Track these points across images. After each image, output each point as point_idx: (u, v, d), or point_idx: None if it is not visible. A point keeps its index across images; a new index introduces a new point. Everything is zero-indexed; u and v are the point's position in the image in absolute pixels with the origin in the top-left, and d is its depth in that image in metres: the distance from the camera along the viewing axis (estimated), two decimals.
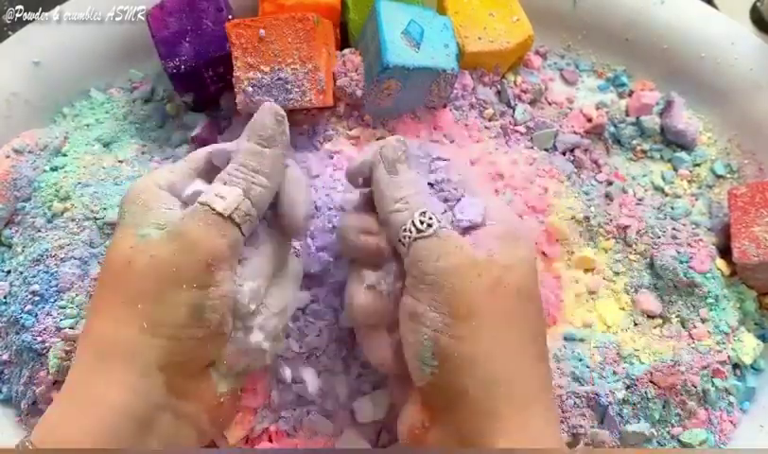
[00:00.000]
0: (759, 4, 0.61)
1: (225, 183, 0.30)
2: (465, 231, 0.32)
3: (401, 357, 0.31)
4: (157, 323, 0.29)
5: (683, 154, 0.50)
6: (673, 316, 0.44)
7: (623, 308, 0.45)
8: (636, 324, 0.44)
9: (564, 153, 0.49)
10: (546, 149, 0.49)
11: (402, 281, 0.31)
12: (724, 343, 0.44)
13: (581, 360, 0.41)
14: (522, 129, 0.48)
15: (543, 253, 0.44)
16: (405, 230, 0.30)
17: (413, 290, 0.30)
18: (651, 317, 0.45)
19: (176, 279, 0.28)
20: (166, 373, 0.29)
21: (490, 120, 0.48)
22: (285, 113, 0.32)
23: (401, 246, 0.30)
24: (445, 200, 0.33)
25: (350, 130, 0.44)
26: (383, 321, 0.33)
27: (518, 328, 0.30)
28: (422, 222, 0.30)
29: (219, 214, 0.29)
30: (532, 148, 0.48)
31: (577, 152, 0.49)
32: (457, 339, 0.28)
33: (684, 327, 0.44)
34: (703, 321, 0.44)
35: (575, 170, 0.48)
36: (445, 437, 0.30)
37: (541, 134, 0.48)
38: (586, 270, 0.45)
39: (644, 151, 0.51)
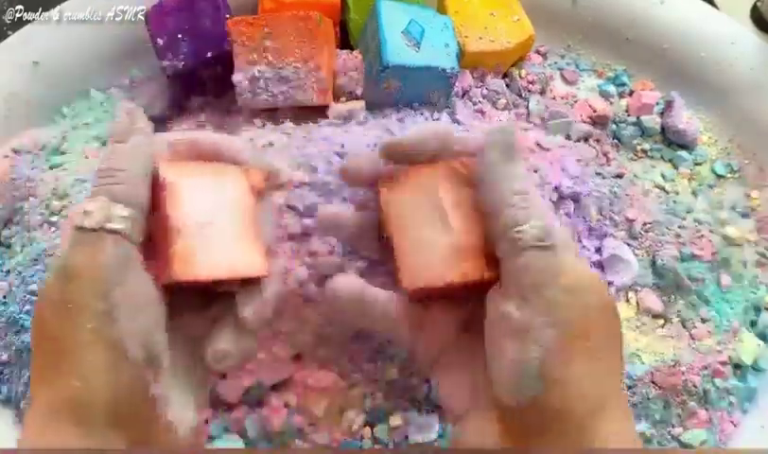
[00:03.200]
0: (759, 4, 0.61)
1: (90, 198, 0.27)
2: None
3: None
4: (83, 376, 0.25)
5: (683, 153, 0.50)
6: (674, 316, 0.44)
7: (629, 305, 0.45)
8: (639, 323, 0.44)
9: (578, 141, 0.49)
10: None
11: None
12: (724, 343, 0.44)
13: None
14: (537, 120, 0.48)
15: None
16: (521, 232, 0.27)
17: (521, 302, 0.27)
18: (654, 316, 0.44)
19: (77, 317, 0.25)
20: (118, 427, 0.26)
21: (503, 110, 0.48)
22: (134, 108, 0.29)
23: (506, 246, 0.28)
24: None
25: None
26: None
27: (615, 346, 0.29)
28: (541, 229, 0.27)
29: (92, 229, 0.26)
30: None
31: (590, 142, 0.49)
32: (569, 361, 0.27)
33: (685, 327, 0.44)
34: (703, 321, 0.44)
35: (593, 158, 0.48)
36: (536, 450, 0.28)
37: (557, 123, 0.48)
38: None
39: (645, 151, 0.51)
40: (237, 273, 0.28)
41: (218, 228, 0.28)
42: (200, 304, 0.31)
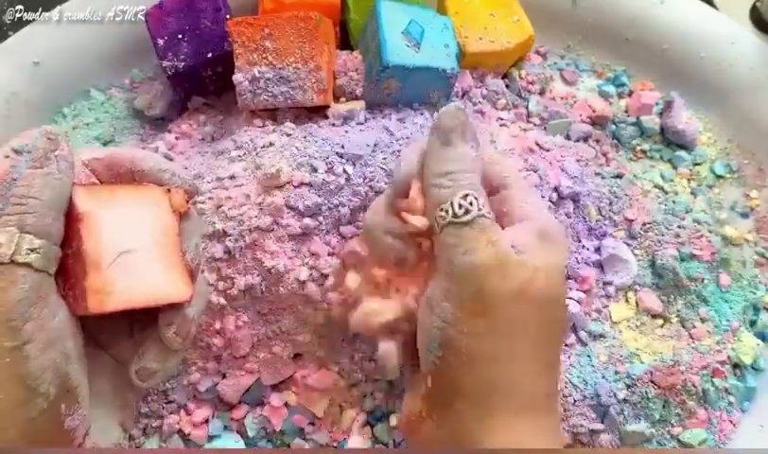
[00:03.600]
0: (758, 4, 0.61)
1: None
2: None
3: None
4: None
5: (683, 154, 0.50)
6: (673, 315, 0.44)
7: (629, 305, 0.45)
8: (638, 323, 0.44)
9: (577, 141, 0.49)
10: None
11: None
12: (724, 343, 0.44)
13: (588, 357, 0.42)
14: (537, 120, 0.48)
15: None
16: (442, 210, 0.28)
17: (435, 275, 0.29)
18: (653, 316, 0.45)
19: None
20: None
21: (503, 110, 0.48)
22: (57, 132, 0.28)
23: (435, 225, 0.29)
24: None
25: None
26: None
27: (534, 335, 0.29)
28: (461, 206, 0.28)
29: (1, 263, 0.24)
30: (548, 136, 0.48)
31: (589, 142, 0.49)
32: (465, 334, 0.28)
33: (684, 327, 0.44)
34: (703, 320, 0.44)
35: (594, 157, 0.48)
36: (438, 431, 0.29)
37: (556, 123, 0.48)
38: None
39: (644, 151, 0.51)
40: (157, 301, 0.28)
41: (138, 255, 0.28)
42: (125, 325, 0.31)
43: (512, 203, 0.31)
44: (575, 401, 0.40)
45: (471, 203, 0.28)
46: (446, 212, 0.28)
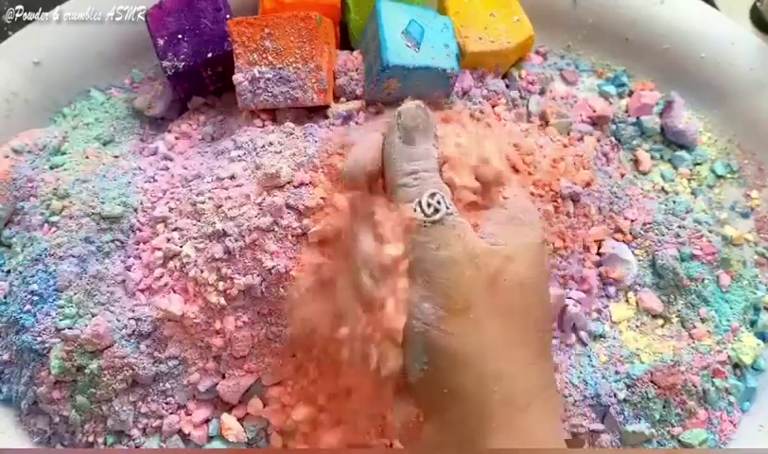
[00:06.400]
0: (758, 4, 0.61)
1: None
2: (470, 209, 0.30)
3: None
4: None
5: (683, 154, 0.50)
6: (674, 316, 0.44)
7: (629, 305, 0.45)
8: (638, 323, 0.44)
9: (578, 141, 0.49)
10: None
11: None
12: (724, 343, 0.44)
13: (588, 357, 0.42)
14: (537, 120, 0.48)
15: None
16: (409, 209, 0.28)
17: (411, 277, 0.28)
18: (653, 316, 0.45)
19: None
20: None
21: (503, 110, 0.48)
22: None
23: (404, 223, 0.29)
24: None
25: None
26: None
27: (519, 323, 0.28)
28: (429, 205, 0.28)
29: None
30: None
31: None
32: (449, 334, 0.27)
33: (684, 327, 0.44)
34: (703, 320, 0.44)
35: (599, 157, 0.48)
36: (439, 433, 0.29)
37: (557, 123, 0.48)
38: None
39: (644, 151, 0.51)
40: None
41: None
42: None
43: (493, 197, 0.31)
44: (575, 401, 0.40)
45: (439, 202, 0.28)
46: (414, 212, 0.28)
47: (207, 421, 0.40)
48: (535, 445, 0.28)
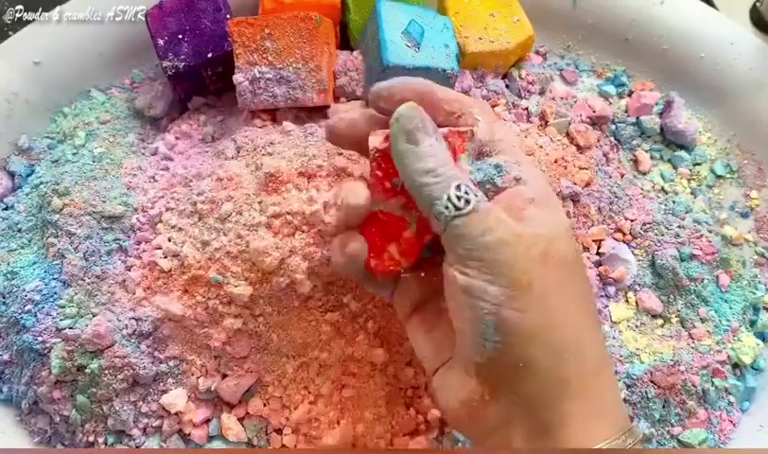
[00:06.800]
0: (758, 4, 0.61)
1: None
2: (495, 192, 0.31)
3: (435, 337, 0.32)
4: None
5: (683, 154, 0.50)
6: (673, 316, 0.44)
7: (629, 305, 0.45)
8: (638, 323, 0.44)
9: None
10: None
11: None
12: (723, 343, 0.44)
13: None
14: (537, 120, 0.48)
15: None
16: (440, 205, 0.29)
17: (461, 267, 0.29)
18: (653, 316, 0.45)
19: None
20: None
21: (503, 110, 0.48)
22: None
23: (435, 221, 0.29)
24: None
25: None
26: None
27: (573, 296, 0.30)
28: (459, 198, 0.28)
29: None
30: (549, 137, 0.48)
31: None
32: (521, 311, 0.28)
33: (684, 327, 0.44)
34: (702, 320, 0.44)
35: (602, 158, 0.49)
36: (511, 408, 0.29)
37: (556, 123, 0.48)
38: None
39: (644, 151, 0.51)
40: None
41: None
42: None
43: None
44: None
45: (467, 192, 0.29)
46: (447, 208, 0.29)
47: (207, 421, 0.40)
48: (608, 407, 0.29)
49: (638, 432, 0.29)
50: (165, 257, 0.40)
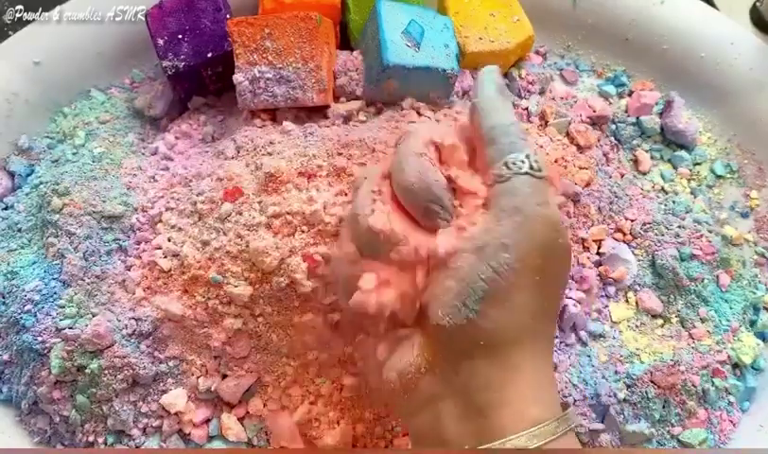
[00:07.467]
0: (758, 4, 0.61)
1: None
2: None
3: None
4: None
5: (683, 153, 0.50)
6: (673, 316, 0.44)
7: (629, 305, 0.45)
8: (638, 323, 0.44)
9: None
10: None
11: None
12: (723, 343, 0.44)
13: (588, 357, 0.42)
14: (537, 120, 0.48)
15: None
16: (518, 157, 0.29)
17: (496, 221, 0.28)
18: (653, 316, 0.45)
19: None
20: None
21: None
22: None
23: (504, 169, 0.29)
24: None
25: None
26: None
27: (559, 287, 0.30)
28: (536, 161, 0.29)
29: None
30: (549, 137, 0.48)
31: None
32: (515, 287, 0.27)
33: (684, 327, 0.44)
34: (702, 320, 0.44)
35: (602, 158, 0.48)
36: (445, 385, 0.29)
37: (556, 123, 0.48)
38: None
39: (644, 151, 0.51)
40: None
41: None
42: None
43: None
44: (575, 401, 0.40)
45: (538, 161, 0.29)
46: (523, 162, 0.29)
47: (207, 421, 0.40)
48: (545, 395, 0.29)
49: (574, 419, 0.29)
50: (165, 257, 0.40)
